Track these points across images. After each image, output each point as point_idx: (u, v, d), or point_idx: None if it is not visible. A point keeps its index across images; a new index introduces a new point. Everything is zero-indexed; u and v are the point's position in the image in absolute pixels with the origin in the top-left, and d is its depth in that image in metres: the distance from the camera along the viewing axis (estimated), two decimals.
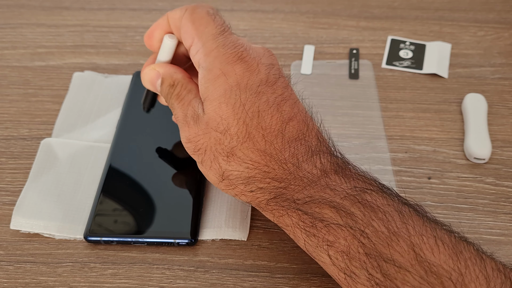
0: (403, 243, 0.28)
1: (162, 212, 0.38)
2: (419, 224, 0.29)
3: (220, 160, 0.32)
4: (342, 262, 0.29)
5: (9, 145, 0.44)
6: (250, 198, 0.32)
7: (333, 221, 0.29)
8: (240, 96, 0.31)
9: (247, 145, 0.31)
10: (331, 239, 0.29)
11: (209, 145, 0.32)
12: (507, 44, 0.52)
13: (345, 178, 0.31)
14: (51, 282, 0.35)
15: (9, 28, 0.55)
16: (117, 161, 0.41)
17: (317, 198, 0.30)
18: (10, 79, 0.50)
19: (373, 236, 0.28)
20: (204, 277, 0.36)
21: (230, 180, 0.32)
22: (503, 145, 0.43)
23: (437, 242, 0.28)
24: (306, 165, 0.31)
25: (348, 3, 0.57)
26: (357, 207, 0.29)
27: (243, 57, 0.32)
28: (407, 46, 0.52)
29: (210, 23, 0.34)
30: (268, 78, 0.33)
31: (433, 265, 0.27)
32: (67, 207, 0.39)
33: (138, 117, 0.44)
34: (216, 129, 0.32)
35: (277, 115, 0.32)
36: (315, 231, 0.30)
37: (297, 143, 0.32)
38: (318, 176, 0.31)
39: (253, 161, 0.31)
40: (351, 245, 0.29)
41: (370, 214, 0.29)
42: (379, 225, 0.29)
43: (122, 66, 0.51)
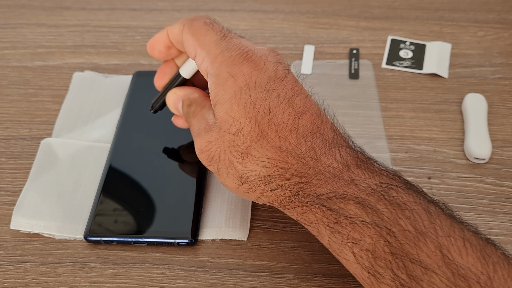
0: (430, 244, 0.27)
1: (162, 212, 0.38)
2: (446, 224, 0.28)
3: (235, 163, 0.31)
4: (366, 261, 0.28)
5: (9, 145, 0.44)
6: (272, 197, 0.32)
7: (358, 218, 0.29)
8: (250, 95, 0.31)
9: (261, 143, 0.31)
10: (356, 237, 0.29)
11: (223, 150, 0.32)
12: (507, 44, 0.52)
13: (369, 173, 0.30)
14: (51, 282, 0.35)
15: (9, 28, 0.55)
16: (117, 161, 0.41)
17: (341, 193, 0.30)
18: (11, 79, 0.50)
19: (400, 235, 0.28)
20: (204, 277, 0.36)
21: (250, 182, 0.32)
22: (503, 145, 0.43)
23: (465, 244, 0.27)
24: (326, 158, 0.31)
25: (348, 3, 0.57)
26: (383, 204, 0.29)
27: (249, 57, 0.32)
28: (407, 46, 0.52)
29: (209, 31, 0.34)
30: (276, 74, 0.32)
31: (461, 268, 0.26)
32: (67, 207, 0.39)
33: (138, 117, 0.44)
34: (229, 131, 0.32)
35: (289, 110, 0.31)
36: (340, 228, 0.29)
37: (313, 136, 0.31)
38: (340, 170, 0.30)
39: (269, 159, 0.31)
40: (377, 243, 0.28)
41: (397, 211, 0.28)
42: (406, 224, 0.28)
43: (122, 66, 0.51)
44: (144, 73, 0.48)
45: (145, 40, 0.53)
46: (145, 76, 0.48)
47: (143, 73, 0.48)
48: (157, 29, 0.54)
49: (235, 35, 0.36)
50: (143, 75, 0.48)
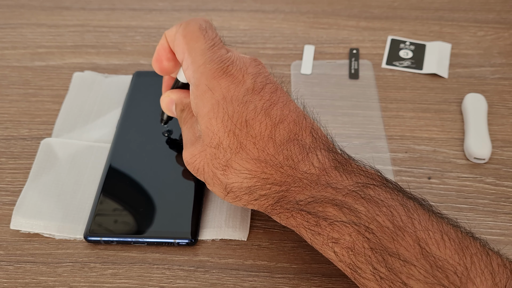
0: (408, 238, 0.28)
1: (162, 212, 0.38)
2: (424, 218, 0.29)
3: (218, 175, 0.33)
4: (347, 258, 0.29)
5: (9, 145, 0.44)
6: (257, 206, 0.33)
7: (336, 219, 0.29)
8: (227, 109, 0.32)
9: (241, 155, 0.32)
10: (336, 236, 0.30)
11: (206, 162, 0.33)
12: (507, 44, 0.52)
13: (346, 174, 0.31)
14: (51, 282, 0.35)
15: (9, 28, 0.55)
16: (117, 161, 0.41)
17: (319, 197, 0.30)
18: (10, 79, 0.50)
19: (378, 231, 0.28)
20: (204, 277, 0.36)
21: (234, 192, 0.33)
22: (503, 145, 0.43)
23: (443, 237, 0.28)
24: (303, 165, 0.31)
25: (348, 3, 0.57)
26: (360, 203, 0.30)
27: (228, 71, 0.33)
28: (407, 46, 0.52)
29: (200, 38, 0.34)
30: (254, 86, 0.33)
31: (438, 260, 0.27)
32: (67, 207, 0.39)
33: (138, 117, 0.44)
34: (210, 145, 0.32)
35: (266, 120, 0.32)
36: (320, 230, 0.30)
37: (290, 144, 0.32)
38: (318, 175, 0.31)
39: (249, 170, 0.31)
40: (356, 241, 0.29)
41: (374, 209, 0.29)
42: (383, 220, 0.29)
43: (122, 66, 0.51)
44: (144, 73, 0.48)
45: (145, 40, 0.53)
46: (145, 76, 0.48)
47: (143, 73, 0.48)
48: (157, 29, 0.54)
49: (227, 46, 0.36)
50: (143, 75, 0.48)
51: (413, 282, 0.27)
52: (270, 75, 0.35)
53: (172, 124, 0.42)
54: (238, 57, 0.34)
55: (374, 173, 0.32)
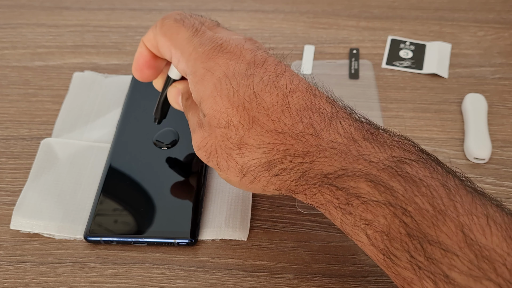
0: (450, 223, 0.25)
1: (162, 212, 0.38)
2: (467, 200, 0.26)
3: (234, 155, 0.30)
4: (381, 243, 0.27)
5: (9, 145, 0.44)
6: (278, 184, 0.30)
7: (371, 198, 0.27)
8: (232, 83, 0.30)
9: (255, 130, 0.29)
10: (369, 218, 0.27)
11: (218, 144, 0.31)
12: (507, 44, 0.52)
13: (379, 146, 0.28)
14: (51, 282, 0.35)
15: (9, 28, 0.55)
16: (117, 161, 0.41)
17: (351, 170, 0.27)
18: (10, 79, 0.50)
19: (417, 215, 0.26)
20: (204, 277, 0.36)
21: (252, 171, 0.30)
22: (503, 145, 0.43)
23: (489, 222, 0.25)
24: (327, 133, 0.28)
25: (348, 3, 0.57)
26: (397, 180, 0.26)
27: (223, 48, 0.31)
28: (407, 46, 0.52)
29: (180, 28, 0.33)
30: (255, 60, 0.31)
31: (484, 249, 0.24)
32: (67, 207, 0.39)
33: (138, 117, 0.44)
34: (219, 125, 0.30)
35: (276, 91, 0.29)
36: (351, 209, 0.27)
37: (308, 112, 0.29)
38: (346, 145, 0.28)
39: (267, 144, 0.29)
40: (392, 224, 0.26)
41: (413, 189, 0.26)
42: (423, 201, 0.26)
43: (122, 66, 0.51)
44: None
45: None
46: None
47: None
48: None
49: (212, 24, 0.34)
50: None
51: (456, 274, 0.24)
52: (268, 50, 0.33)
53: (169, 123, 0.42)
54: (230, 36, 0.32)
55: (408, 143, 0.29)
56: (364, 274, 0.35)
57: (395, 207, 0.26)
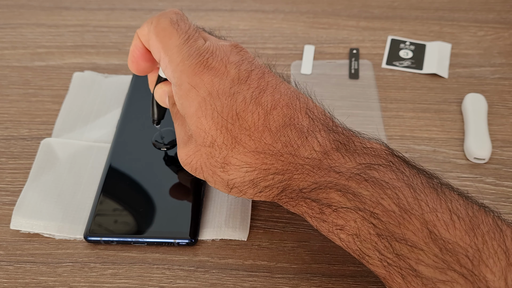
0: (415, 221, 0.27)
1: (162, 212, 0.38)
2: (432, 198, 0.28)
3: (218, 172, 0.32)
4: (354, 245, 0.29)
5: (9, 145, 0.44)
6: (263, 197, 0.32)
7: (340, 205, 0.29)
8: (215, 104, 0.31)
9: (238, 150, 0.30)
10: (340, 223, 0.29)
11: (203, 162, 0.32)
12: (507, 44, 0.52)
13: (349, 155, 0.30)
14: (51, 282, 0.35)
15: (9, 28, 0.55)
16: (117, 161, 0.41)
17: (322, 183, 0.30)
18: (10, 79, 0.50)
19: (384, 216, 0.28)
20: (204, 277, 0.36)
21: (237, 187, 0.32)
22: (503, 145, 0.43)
23: (452, 217, 0.27)
24: (304, 150, 0.30)
25: (348, 3, 0.57)
26: (364, 186, 0.29)
27: (208, 64, 0.32)
28: (407, 46, 0.52)
29: (173, 33, 0.33)
30: (239, 75, 0.31)
31: (448, 243, 0.26)
32: (67, 207, 0.39)
33: (138, 117, 0.44)
34: (204, 144, 0.31)
35: (257, 110, 0.31)
36: (324, 217, 0.30)
37: (286, 130, 0.31)
38: (320, 160, 0.30)
39: (249, 164, 0.31)
40: (361, 227, 0.28)
41: (379, 192, 0.28)
42: (389, 203, 0.28)
43: (122, 66, 0.51)
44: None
45: None
46: (145, 76, 0.47)
47: None
48: None
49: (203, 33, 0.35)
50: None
51: (423, 267, 0.26)
52: (254, 59, 0.33)
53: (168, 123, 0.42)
54: (217, 46, 0.33)
55: (379, 148, 0.31)
56: (364, 274, 0.35)
57: (363, 211, 0.28)
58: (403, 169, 0.30)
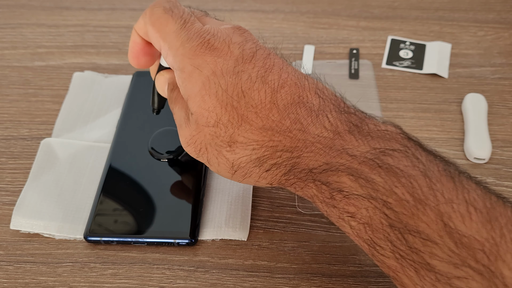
0: (430, 212, 0.26)
1: (162, 212, 0.38)
2: (448, 187, 0.26)
3: (224, 152, 0.31)
4: (365, 234, 0.28)
5: (9, 145, 0.44)
6: (269, 178, 0.31)
7: (352, 191, 0.28)
8: (220, 82, 0.30)
9: (244, 127, 0.30)
10: (351, 210, 0.28)
11: (208, 142, 0.31)
12: (507, 44, 0.52)
13: (362, 138, 0.29)
14: (51, 282, 0.35)
15: (9, 28, 0.55)
16: (117, 161, 0.41)
17: (334, 164, 0.28)
18: (10, 79, 0.50)
19: (397, 206, 0.26)
20: (204, 277, 0.36)
21: (243, 168, 0.31)
22: (503, 145, 0.43)
23: (469, 208, 0.25)
24: (314, 128, 0.29)
25: (348, 3, 0.57)
26: (377, 172, 0.27)
27: (211, 45, 0.31)
28: (407, 46, 0.52)
29: (168, 20, 0.32)
30: (243, 55, 0.30)
31: (464, 236, 0.25)
32: (67, 207, 0.39)
33: (138, 117, 0.44)
34: (207, 124, 0.30)
35: (264, 88, 0.30)
36: (335, 202, 0.28)
37: (296, 108, 0.29)
38: (332, 139, 0.29)
39: (256, 141, 0.29)
40: (373, 216, 0.27)
41: (392, 180, 0.27)
42: (403, 192, 0.26)
43: (122, 66, 0.51)
44: (144, 73, 0.48)
45: None
46: (145, 76, 0.48)
47: (143, 73, 0.48)
48: None
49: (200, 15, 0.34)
50: (143, 75, 0.48)
51: (437, 262, 0.25)
52: (258, 41, 0.32)
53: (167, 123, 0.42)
54: (218, 29, 0.32)
55: (394, 131, 0.29)
56: (364, 274, 0.35)
57: (376, 199, 0.27)
58: (419, 155, 0.28)
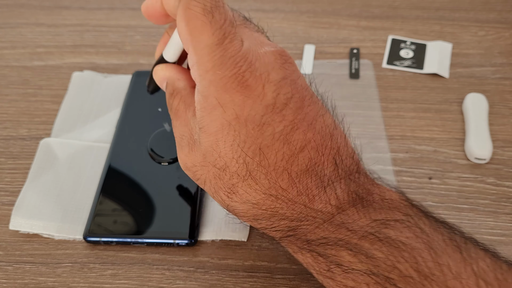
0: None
1: (161, 212, 0.38)
2: (455, 259, 0.25)
3: (221, 195, 0.29)
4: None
5: (8, 145, 0.44)
6: (262, 230, 0.30)
7: (351, 267, 0.26)
8: (240, 132, 0.27)
9: (249, 183, 0.28)
10: (350, 285, 0.26)
11: (209, 178, 0.29)
12: (508, 43, 0.52)
13: (364, 211, 0.27)
14: (50, 282, 0.35)
15: (8, 27, 0.55)
16: (116, 161, 0.41)
17: (332, 239, 0.27)
18: (9, 79, 0.49)
19: (401, 282, 0.25)
20: (204, 278, 0.35)
21: (237, 214, 0.30)
22: (504, 145, 0.43)
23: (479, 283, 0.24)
24: (319, 202, 0.28)
25: (349, 3, 0.57)
26: (378, 247, 0.26)
27: (244, 81, 0.27)
28: (408, 45, 0.52)
29: (205, 28, 0.27)
30: (276, 102, 0.27)
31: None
32: (67, 207, 0.39)
33: (138, 117, 0.44)
34: (215, 165, 0.28)
35: (283, 148, 0.27)
36: (332, 275, 0.27)
37: (306, 177, 0.28)
38: (332, 214, 0.28)
39: (257, 201, 0.28)
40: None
41: (395, 254, 0.25)
42: (406, 268, 0.25)
43: (122, 65, 0.51)
44: (143, 73, 0.48)
45: (145, 39, 0.53)
46: (144, 76, 0.47)
47: (142, 73, 0.48)
48: (156, 29, 0.54)
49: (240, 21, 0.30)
50: (142, 74, 0.48)
51: None
52: (299, 78, 0.29)
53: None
54: (257, 55, 0.28)
55: (396, 199, 0.28)
56: None
57: (377, 275, 0.25)
58: (422, 224, 0.27)
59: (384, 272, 0.25)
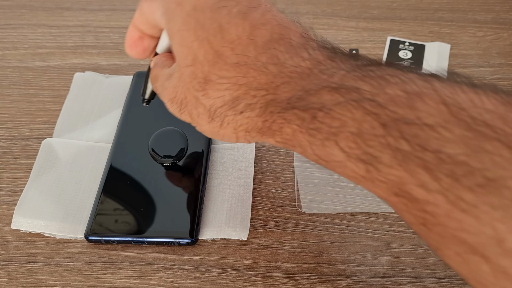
0: (429, 101, 0.22)
1: (162, 211, 0.38)
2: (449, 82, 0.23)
3: (200, 98, 0.29)
4: (356, 149, 0.23)
5: (10, 145, 0.44)
6: (245, 124, 0.28)
7: (333, 103, 0.24)
8: (198, 17, 0.29)
9: (219, 65, 0.28)
10: (336, 125, 0.24)
11: (186, 88, 0.30)
12: (506, 44, 0.52)
13: (344, 60, 0.26)
14: (52, 281, 0.36)
15: (10, 28, 0.55)
16: (117, 161, 0.41)
17: (310, 87, 0.26)
18: (11, 80, 0.50)
19: (388, 103, 0.23)
20: (204, 277, 0.36)
21: (218, 114, 0.29)
22: None
23: (477, 92, 0.22)
24: (291, 61, 0.27)
25: (348, 4, 0.58)
26: (361, 81, 0.24)
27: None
28: (407, 46, 0.52)
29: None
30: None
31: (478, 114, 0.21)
32: (68, 207, 0.39)
33: (139, 117, 0.44)
34: (186, 64, 0.29)
35: (243, 23, 0.28)
36: (318, 124, 0.25)
37: (275, 44, 0.27)
38: (309, 67, 0.26)
39: (228, 79, 0.28)
40: (362, 121, 0.23)
41: (381, 83, 0.23)
42: (394, 90, 0.23)
43: (123, 66, 0.51)
44: (144, 74, 0.48)
45: None
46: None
47: (143, 74, 0.48)
48: None
49: None
50: (143, 75, 0.48)
51: (450, 146, 0.20)
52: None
53: (166, 123, 0.42)
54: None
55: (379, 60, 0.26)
56: (364, 274, 0.36)
57: (361, 101, 0.23)
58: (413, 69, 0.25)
59: (368, 96, 0.23)
